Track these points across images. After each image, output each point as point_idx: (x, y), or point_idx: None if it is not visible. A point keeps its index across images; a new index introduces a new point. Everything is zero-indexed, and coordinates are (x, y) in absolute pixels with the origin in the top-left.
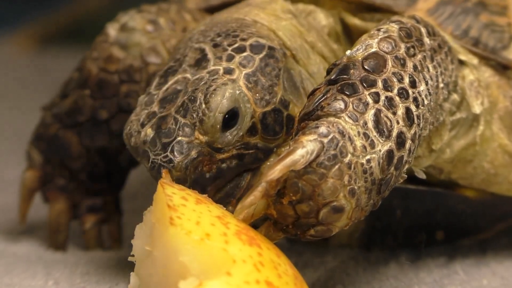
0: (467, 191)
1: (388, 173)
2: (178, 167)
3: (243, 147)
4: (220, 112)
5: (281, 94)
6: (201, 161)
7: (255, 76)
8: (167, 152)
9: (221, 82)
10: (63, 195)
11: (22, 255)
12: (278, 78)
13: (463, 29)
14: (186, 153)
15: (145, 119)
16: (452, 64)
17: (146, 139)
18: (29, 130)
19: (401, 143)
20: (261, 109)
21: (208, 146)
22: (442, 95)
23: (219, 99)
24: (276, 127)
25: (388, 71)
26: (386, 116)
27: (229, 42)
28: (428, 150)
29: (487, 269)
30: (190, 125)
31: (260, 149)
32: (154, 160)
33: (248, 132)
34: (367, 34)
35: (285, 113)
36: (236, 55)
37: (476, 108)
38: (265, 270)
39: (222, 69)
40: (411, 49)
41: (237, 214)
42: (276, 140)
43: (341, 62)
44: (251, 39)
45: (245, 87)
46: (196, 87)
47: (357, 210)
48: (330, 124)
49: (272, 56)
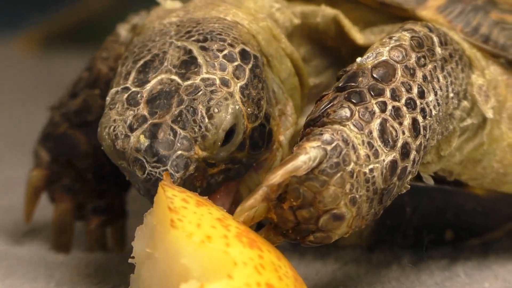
0: (477, 189)
1: (391, 183)
2: (177, 182)
3: (230, 162)
4: (223, 130)
5: (265, 107)
6: (196, 177)
7: (247, 89)
8: (167, 166)
9: (222, 96)
10: (69, 195)
11: (24, 257)
12: (263, 91)
13: (473, 26)
14: (185, 169)
15: (134, 123)
16: (462, 73)
17: (139, 147)
18: (32, 131)
19: (406, 153)
20: (251, 124)
21: (204, 161)
22: (452, 104)
23: (223, 115)
24: (259, 142)
25: (397, 81)
26: (392, 126)
27: (218, 47)
28: (437, 156)
29: (489, 272)
30: (189, 138)
31: (243, 164)
32: (151, 172)
33: (237, 148)
34: (378, 42)
35: (267, 128)
36: (229, 64)
37: (490, 113)
38: (266, 272)
39: (218, 79)
40: (421, 59)
41: (237, 216)
42: (258, 155)
43: (351, 69)
44: (238, 46)
45: (241, 101)
46: (193, 97)
47: (358, 219)
48: (334, 131)
49: (257, 66)
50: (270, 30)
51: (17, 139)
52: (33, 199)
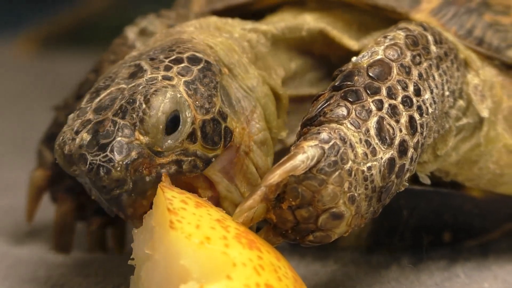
0: (474, 191)
1: (389, 181)
2: (118, 166)
3: (182, 153)
4: (162, 112)
5: (219, 105)
6: (142, 163)
7: (194, 84)
8: (107, 152)
9: (161, 85)
10: (71, 196)
11: (24, 257)
12: (216, 90)
13: (467, 29)
14: (127, 153)
15: (80, 127)
16: (458, 71)
17: (82, 144)
18: (32, 132)
19: (403, 151)
20: (201, 116)
21: (149, 148)
22: (447, 103)
23: (160, 99)
24: (214, 137)
25: (392, 79)
26: (389, 124)
27: (165, 55)
28: (433, 156)
29: (489, 272)
30: (129, 126)
31: (198, 157)
32: (93, 161)
33: (188, 138)
34: (373, 41)
35: (223, 125)
36: (174, 66)
37: (485, 113)
38: (265, 273)
39: (160, 76)
40: (417, 57)
41: (236, 217)
42: (214, 150)
43: (347, 69)
44: (188, 52)
45: (185, 93)
46: (134, 91)
47: (357, 217)
48: (331, 130)
49: (209, 69)
50: (230, 45)
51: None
52: (36, 199)
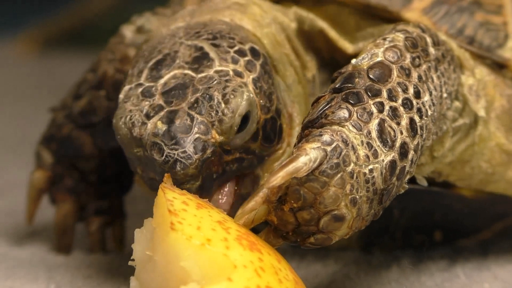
0: (464, 190)
1: (390, 183)
2: (195, 163)
3: (244, 151)
4: (239, 115)
5: (276, 103)
6: (213, 161)
7: (259, 82)
8: (185, 148)
9: (237, 84)
10: (72, 197)
11: (24, 258)
12: (274, 87)
13: (458, 27)
14: (203, 151)
15: (150, 111)
16: (454, 73)
17: (157, 132)
18: (31, 133)
19: (404, 153)
20: (264, 115)
21: (220, 147)
22: (445, 105)
23: (239, 100)
24: (272, 135)
25: (393, 81)
26: (390, 126)
27: (228, 44)
28: (430, 157)
29: (489, 273)
30: (207, 123)
31: (256, 155)
32: (169, 154)
33: (251, 137)
34: (372, 43)
35: (279, 122)
36: (241, 58)
37: (482, 112)
38: (266, 275)
39: (231, 71)
40: (416, 59)
41: (237, 219)
42: (270, 148)
43: (346, 71)
44: (248, 44)
45: (254, 92)
46: (209, 86)
47: (358, 220)
48: (334, 132)
49: (267, 64)
50: (274, 36)
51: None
52: (35, 200)
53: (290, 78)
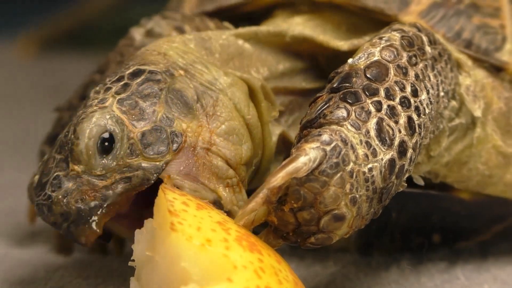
0: (462, 193)
1: (390, 182)
2: (56, 201)
3: (127, 170)
4: (89, 138)
5: (163, 112)
6: (83, 191)
7: (130, 99)
8: (46, 190)
9: (90, 111)
10: None
11: (24, 259)
12: (158, 97)
13: (456, 31)
14: (63, 187)
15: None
16: (451, 72)
17: (32, 185)
18: (31, 134)
19: (403, 152)
20: (139, 128)
21: (87, 175)
22: (442, 103)
23: (85, 125)
24: (159, 145)
25: (390, 80)
26: (388, 125)
27: (110, 78)
28: (427, 157)
29: (488, 274)
30: (64, 159)
31: (146, 169)
32: (38, 202)
33: (128, 153)
34: (368, 42)
35: (169, 130)
36: (113, 86)
37: (478, 112)
38: (265, 276)
39: (96, 101)
40: (413, 58)
41: (238, 220)
42: (163, 158)
43: (343, 70)
44: (133, 68)
45: (119, 111)
46: (71, 124)
47: (358, 219)
48: (332, 132)
49: (150, 79)
50: (184, 47)
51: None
52: None
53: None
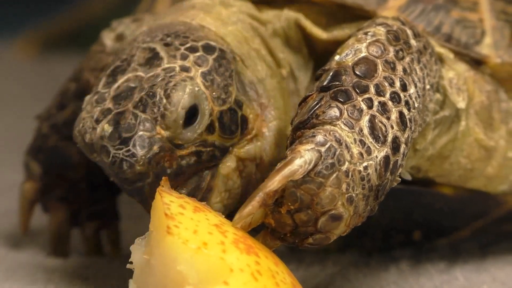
0: (444, 188)
1: (385, 179)
2: (141, 161)
3: (201, 144)
4: (182, 108)
5: (235, 94)
6: (163, 157)
7: (211, 75)
8: (129, 146)
9: (180, 78)
10: (63, 205)
11: (23, 260)
12: (231, 79)
13: (435, 25)
14: (149, 147)
15: (100, 116)
16: (436, 65)
17: (103, 134)
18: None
19: (396, 147)
20: (218, 107)
21: (169, 141)
22: (428, 96)
23: (180, 94)
24: (232, 126)
25: (379, 76)
26: (380, 122)
27: (180, 42)
28: (413, 150)
29: (487, 275)
30: (151, 120)
31: (217, 148)
32: (116, 155)
33: (206, 130)
34: (354, 38)
35: (240, 113)
36: (190, 54)
37: (461, 104)
38: (262, 279)
39: (178, 66)
40: (399, 52)
41: (235, 224)
42: (232, 139)
43: (331, 68)
44: (202, 41)
45: (203, 85)
46: (153, 83)
47: (355, 217)
48: (326, 132)
49: (224, 58)
50: (240, 33)
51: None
52: (28, 210)
53: (262, 72)
